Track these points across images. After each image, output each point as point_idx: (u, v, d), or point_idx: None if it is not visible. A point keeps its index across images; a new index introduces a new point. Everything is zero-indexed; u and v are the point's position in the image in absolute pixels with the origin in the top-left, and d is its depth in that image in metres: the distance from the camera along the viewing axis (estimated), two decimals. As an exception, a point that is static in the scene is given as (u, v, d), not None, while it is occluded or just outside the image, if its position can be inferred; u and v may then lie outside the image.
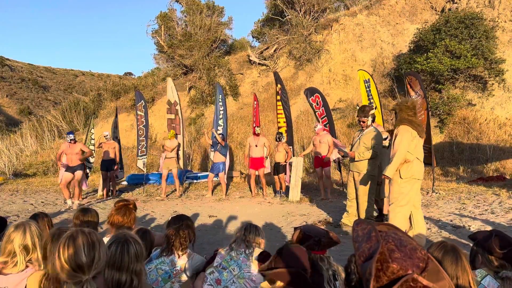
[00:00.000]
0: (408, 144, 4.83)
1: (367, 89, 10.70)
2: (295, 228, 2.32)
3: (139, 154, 11.32)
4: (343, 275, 2.20)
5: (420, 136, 4.95)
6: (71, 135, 9.18)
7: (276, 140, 9.96)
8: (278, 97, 11.26)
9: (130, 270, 1.81)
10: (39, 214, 3.21)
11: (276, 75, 11.81)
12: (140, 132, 11.51)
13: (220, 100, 12.09)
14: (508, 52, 15.55)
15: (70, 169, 8.92)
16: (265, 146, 10.13)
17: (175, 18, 23.74)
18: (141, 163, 11.31)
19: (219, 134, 10.38)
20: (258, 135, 10.20)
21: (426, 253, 1.03)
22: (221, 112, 11.93)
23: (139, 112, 11.71)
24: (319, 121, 10.53)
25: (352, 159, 6.30)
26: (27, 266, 2.11)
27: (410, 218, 5.11)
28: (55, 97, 54.50)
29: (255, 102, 11.89)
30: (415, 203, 5.10)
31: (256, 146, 9.99)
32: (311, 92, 10.96)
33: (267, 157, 10.23)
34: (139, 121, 11.64)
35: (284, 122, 11.10)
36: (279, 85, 11.30)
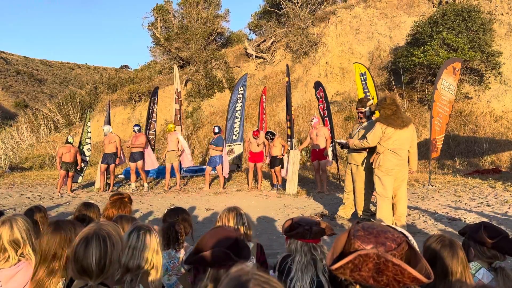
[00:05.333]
0: (374, 138, 5.30)
1: (363, 82, 10.69)
2: (287, 220, 2.34)
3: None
4: None
5: (397, 128, 5.18)
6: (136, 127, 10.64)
7: (268, 141, 10.01)
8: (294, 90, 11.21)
9: (146, 255, 1.97)
10: (34, 207, 3.21)
11: (287, 67, 11.79)
12: (151, 125, 11.52)
13: (241, 92, 12.02)
14: (505, 45, 15.55)
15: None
16: (264, 142, 10.18)
17: (171, 11, 23.58)
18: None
19: (217, 129, 10.33)
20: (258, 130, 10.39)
21: (400, 237, 1.07)
22: (239, 107, 11.89)
23: (152, 107, 11.76)
24: (321, 115, 10.58)
25: (350, 150, 6.31)
26: (19, 260, 2.11)
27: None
28: (51, 90, 54.22)
29: (264, 96, 11.81)
30: (398, 193, 5.46)
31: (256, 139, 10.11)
32: (317, 86, 11.04)
33: (266, 156, 10.27)
34: (151, 115, 11.72)
35: (288, 115, 11.13)
36: (286, 78, 11.23)
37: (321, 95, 10.77)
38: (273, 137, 9.89)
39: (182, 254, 2.75)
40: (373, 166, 5.44)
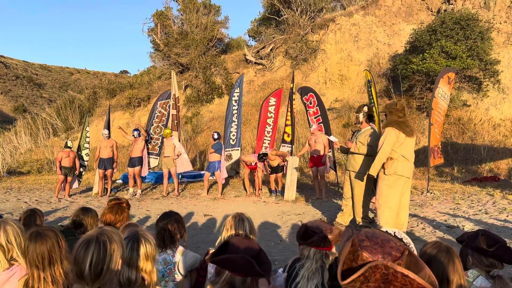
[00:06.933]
0: (390, 144, 5.17)
1: (369, 89, 10.72)
2: (303, 224, 2.33)
3: (153, 153, 11.24)
4: None
5: (407, 136, 5.20)
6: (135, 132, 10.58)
7: (261, 161, 9.88)
8: (294, 96, 10.87)
9: (139, 268, 1.86)
10: (31, 211, 3.23)
11: (292, 74, 11.66)
12: (158, 130, 11.45)
13: (237, 93, 11.88)
14: (503, 54, 15.63)
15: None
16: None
17: (171, 17, 23.68)
18: (154, 161, 11.20)
19: (216, 135, 10.28)
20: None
21: (402, 245, 1.06)
22: (235, 109, 11.73)
23: (161, 110, 11.62)
24: (309, 121, 10.58)
25: (350, 153, 6.31)
26: (12, 264, 2.09)
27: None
28: (50, 94, 54.24)
29: (273, 99, 11.46)
30: (402, 201, 5.36)
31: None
32: (304, 91, 10.93)
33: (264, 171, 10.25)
34: (158, 118, 11.57)
35: (288, 120, 11.07)
36: (291, 84, 11.04)
37: (311, 101, 10.65)
38: (265, 157, 9.69)
39: (177, 258, 2.73)
40: (385, 173, 5.27)
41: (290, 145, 10.70)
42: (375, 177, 5.46)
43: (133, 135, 10.58)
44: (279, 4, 21.81)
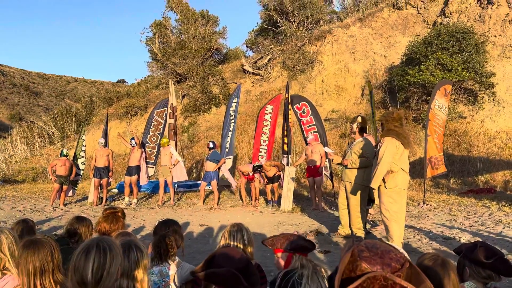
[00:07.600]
0: (391, 155, 5.04)
1: (370, 100, 10.78)
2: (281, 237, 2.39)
3: (149, 162, 11.18)
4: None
5: (405, 147, 5.14)
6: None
7: (256, 173, 9.87)
8: (289, 106, 10.63)
9: (130, 276, 1.84)
10: (23, 221, 3.20)
11: (287, 84, 11.62)
12: (154, 139, 11.39)
13: (234, 103, 11.86)
14: (498, 66, 15.78)
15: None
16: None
17: (169, 27, 23.82)
18: (150, 170, 11.14)
19: (211, 145, 10.29)
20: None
21: (402, 256, 1.05)
22: (232, 119, 11.70)
23: (157, 118, 11.57)
24: (302, 131, 10.56)
25: (346, 167, 6.30)
26: (4, 274, 2.07)
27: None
28: (47, 103, 54.16)
29: (270, 107, 11.28)
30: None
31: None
32: (297, 100, 10.81)
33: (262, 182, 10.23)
34: (154, 127, 11.52)
35: (286, 130, 11.04)
36: (286, 95, 10.87)
37: (304, 110, 10.58)
38: (260, 169, 9.66)
39: (173, 270, 2.70)
40: (386, 186, 5.15)
41: (287, 155, 10.69)
42: (374, 189, 5.41)
43: (131, 144, 10.57)
44: (277, 15, 22.01)
